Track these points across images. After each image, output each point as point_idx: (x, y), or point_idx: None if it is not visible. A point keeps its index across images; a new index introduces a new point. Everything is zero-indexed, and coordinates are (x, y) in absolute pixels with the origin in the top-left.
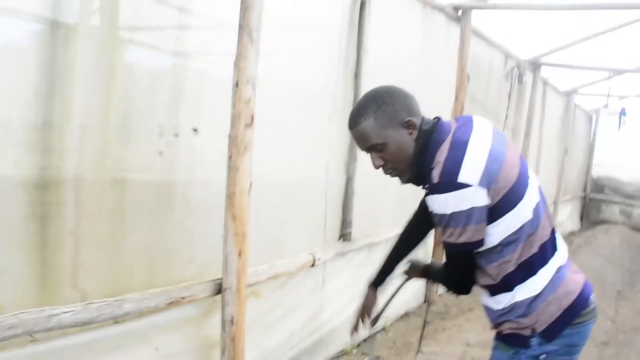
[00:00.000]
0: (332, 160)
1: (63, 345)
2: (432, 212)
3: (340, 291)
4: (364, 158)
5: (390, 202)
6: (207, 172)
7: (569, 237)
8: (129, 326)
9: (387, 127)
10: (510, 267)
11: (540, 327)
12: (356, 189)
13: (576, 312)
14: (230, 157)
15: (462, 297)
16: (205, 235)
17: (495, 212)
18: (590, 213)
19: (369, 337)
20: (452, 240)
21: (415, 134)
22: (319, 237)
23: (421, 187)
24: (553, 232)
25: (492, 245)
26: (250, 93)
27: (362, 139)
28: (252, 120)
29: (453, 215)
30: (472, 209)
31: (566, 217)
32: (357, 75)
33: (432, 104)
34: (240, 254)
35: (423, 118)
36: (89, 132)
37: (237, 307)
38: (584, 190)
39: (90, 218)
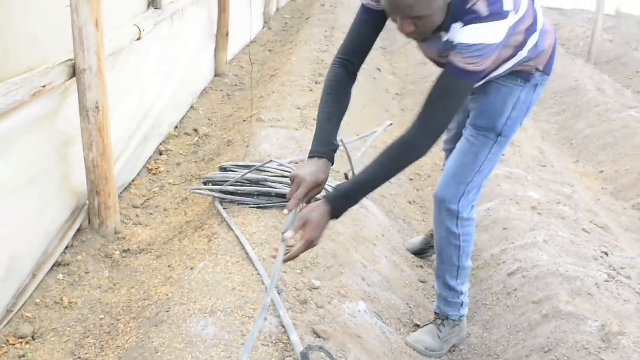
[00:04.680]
0: None
1: None
2: (458, 43)
3: (157, 69)
4: None
5: None
6: None
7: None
8: None
9: None
10: (518, 41)
11: (541, 66)
12: None
13: (555, 48)
14: None
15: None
16: (44, 5)
17: None
18: None
19: (184, 115)
20: (471, 67)
21: None
22: (133, 4)
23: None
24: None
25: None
26: None
27: (408, 9)
28: None
29: (488, 45)
30: (497, 43)
31: None
32: None
33: None
34: (97, 24)
35: None
36: None
37: (101, 90)
38: None
39: None
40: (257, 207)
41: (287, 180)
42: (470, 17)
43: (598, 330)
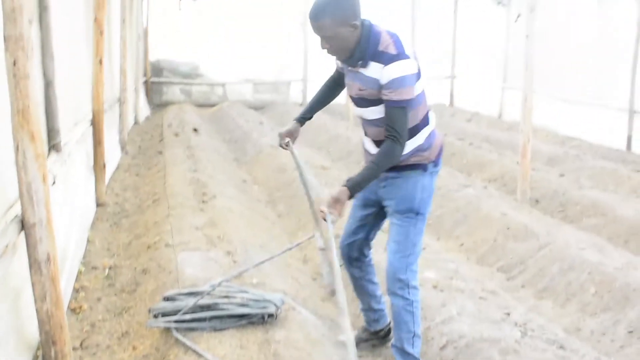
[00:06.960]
0: None
1: None
2: (388, 81)
3: (63, 210)
4: (62, 57)
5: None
6: None
7: (144, 120)
8: None
9: (339, 26)
10: (417, 120)
11: (432, 158)
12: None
13: (442, 149)
14: (15, 63)
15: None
16: None
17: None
18: (154, 97)
19: (85, 250)
20: (405, 97)
21: (357, 32)
22: None
23: (350, 64)
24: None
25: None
26: None
27: (318, 30)
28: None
29: (408, 76)
30: (413, 74)
31: (142, 104)
32: None
33: None
34: (44, 179)
35: (363, 20)
36: None
37: (50, 242)
38: (145, 75)
39: None
40: (214, 331)
41: (236, 300)
42: (385, 57)
43: None
